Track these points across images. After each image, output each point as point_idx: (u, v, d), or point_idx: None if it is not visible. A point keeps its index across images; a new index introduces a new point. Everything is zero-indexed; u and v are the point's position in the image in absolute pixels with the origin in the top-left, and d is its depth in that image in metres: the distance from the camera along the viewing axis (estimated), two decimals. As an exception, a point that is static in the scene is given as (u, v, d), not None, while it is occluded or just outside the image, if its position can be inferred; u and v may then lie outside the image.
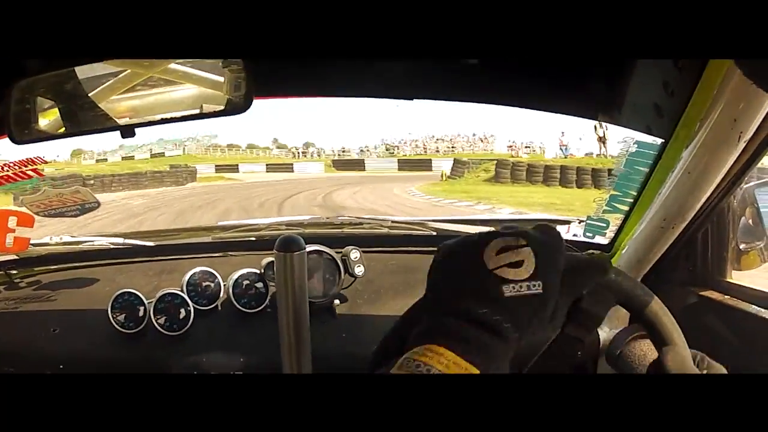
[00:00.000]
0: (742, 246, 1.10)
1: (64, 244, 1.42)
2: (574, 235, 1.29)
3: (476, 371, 0.41)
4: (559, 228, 1.34)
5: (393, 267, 1.24)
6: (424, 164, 17.12)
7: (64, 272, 1.38)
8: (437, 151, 19.49)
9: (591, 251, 1.27)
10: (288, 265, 0.97)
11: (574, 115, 1.29)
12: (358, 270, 1.16)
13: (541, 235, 0.48)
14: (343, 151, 20.44)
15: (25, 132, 1.00)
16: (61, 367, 1.20)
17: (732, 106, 0.78)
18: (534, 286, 0.44)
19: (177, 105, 1.04)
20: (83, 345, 1.21)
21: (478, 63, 1.05)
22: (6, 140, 1.13)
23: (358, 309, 1.18)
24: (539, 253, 0.46)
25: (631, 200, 1.16)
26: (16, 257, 1.41)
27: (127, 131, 1.00)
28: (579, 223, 1.32)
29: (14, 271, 1.42)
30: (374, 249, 1.22)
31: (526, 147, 17.84)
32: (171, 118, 0.99)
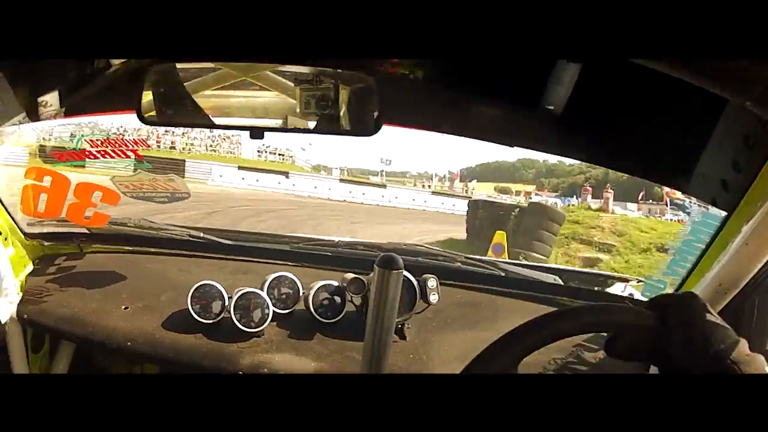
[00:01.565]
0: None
1: (143, 228, 1.46)
2: (630, 294, 1.38)
3: None
4: (617, 285, 1.44)
5: (461, 301, 1.32)
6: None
7: (138, 255, 1.42)
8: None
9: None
10: (385, 281, 1.03)
11: (643, 178, 1.39)
12: (433, 298, 1.23)
13: None
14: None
15: (151, 114, 1.06)
16: (129, 343, 1.23)
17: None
18: None
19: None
20: (153, 327, 1.25)
21: (557, 116, 1.14)
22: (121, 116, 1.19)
23: (425, 335, 1.25)
24: None
25: (690, 266, 1.23)
26: (88, 231, 1.45)
27: (257, 133, 1.06)
28: (637, 282, 1.41)
29: (87, 245, 1.46)
30: (448, 281, 1.29)
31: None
32: (303, 128, 1.06)
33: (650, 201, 10.76)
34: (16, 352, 1.38)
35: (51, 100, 1.23)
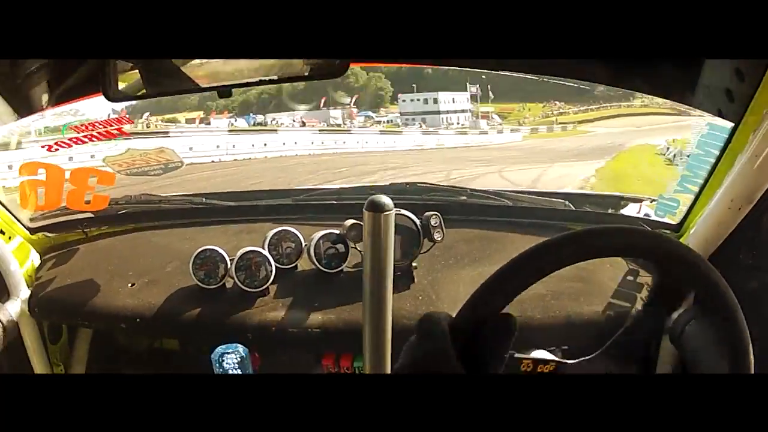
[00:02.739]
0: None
1: (144, 202, 1.45)
2: (646, 214, 1.31)
3: None
4: (631, 206, 1.37)
5: (469, 235, 1.27)
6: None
7: (142, 230, 1.41)
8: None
9: (661, 230, 1.29)
10: (376, 225, 0.99)
11: (647, 93, 1.30)
12: (438, 236, 1.19)
13: (413, 353, 0.51)
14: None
15: (117, 91, 1.03)
16: (138, 320, 1.23)
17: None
18: None
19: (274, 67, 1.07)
20: (161, 299, 1.24)
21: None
22: (92, 100, 1.17)
23: (434, 273, 1.21)
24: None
25: (702, 181, 1.18)
26: (92, 215, 1.46)
27: (225, 92, 1.03)
28: (651, 202, 1.33)
29: (92, 229, 1.47)
30: (453, 216, 1.24)
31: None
32: (269, 79, 1.02)
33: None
34: (34, 348, 1.39)
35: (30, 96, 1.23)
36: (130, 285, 1.29)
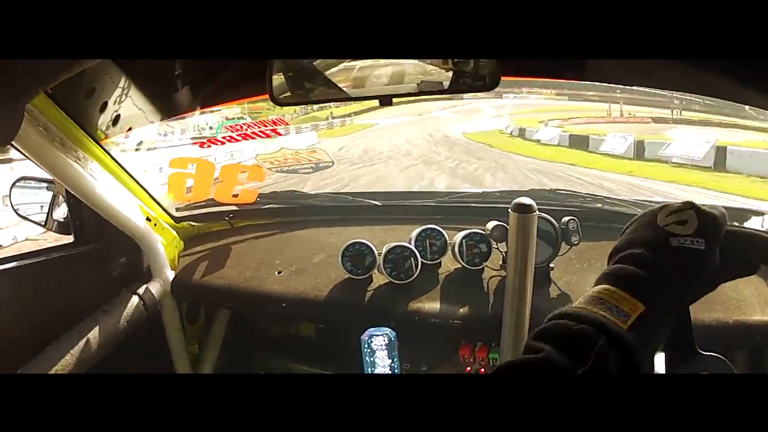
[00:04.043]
0: None
1: (291, 198, 1.57)
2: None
3: (642, 306, 0.49)
4: (754, 218, 1.41)
5: (604, 241, 1.34)
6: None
7: (289, 224, 1.53)
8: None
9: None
10: (521, 225, 1.09)
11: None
12: (575, 239, 1.26)
13: (706, 208, 0.57)
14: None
15: (285, 95, 1.14)
16: (284, 304, 1.34)
17: None
18: (697, 242, 0.54)
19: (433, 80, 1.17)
20: (308, 286, 1.34)
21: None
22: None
23: (570, 276, 1.28)
24: (702, 216, 0.55)
25: None
26: (237, 208, 1.59)
27: (386, 100, 1.14)
28: (771, 212, 1.37)
29: (237, 220, 1.60)
30: (589, 223, 1.31)
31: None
32: (429, 90, 1.12)
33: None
34: (172, 326, 1.52)
35: (182, 96, 1.35)
36: (277, 273, 1.40)
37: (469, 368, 1.32)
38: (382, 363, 1.24)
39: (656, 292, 0.52)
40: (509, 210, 1.11)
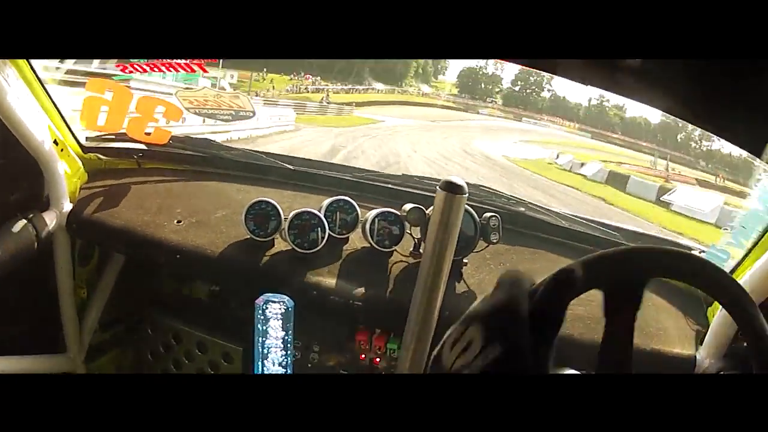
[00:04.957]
0: None
1: (204, 147, 1.45)
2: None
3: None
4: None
5: (520, 248, 1.27)
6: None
7: (197, 174, 1.41)
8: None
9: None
10: (448, 205, 1.00)
11: (714, 133, 1.29)
12: (494, 238, 1.19)
13: (486, 303, 0.50)
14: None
15: None
16: (178, 256, 1.23)
17: None
18: (489, 354, 0.46)
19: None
20: (205, 241, 1.23)
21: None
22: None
23: (482, 275, 1.21)
24: (484, 324, 0.48)
25: (756, 236, 1.18)
26: (147, 148, 1.45)
27: None
28: (700, 252, 1.34)
29: (145, 161, 1.46)
30: (508, 226, 1.24)
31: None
32: None
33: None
34: (63, 265, 1.38)
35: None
36: (176, 222, 1.29)
37: (363, 356, 1.24)
38: (274, 334, 1.14)
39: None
40: (437, 188, 1.01)
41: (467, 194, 1.01)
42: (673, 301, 1.22)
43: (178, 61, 1.30)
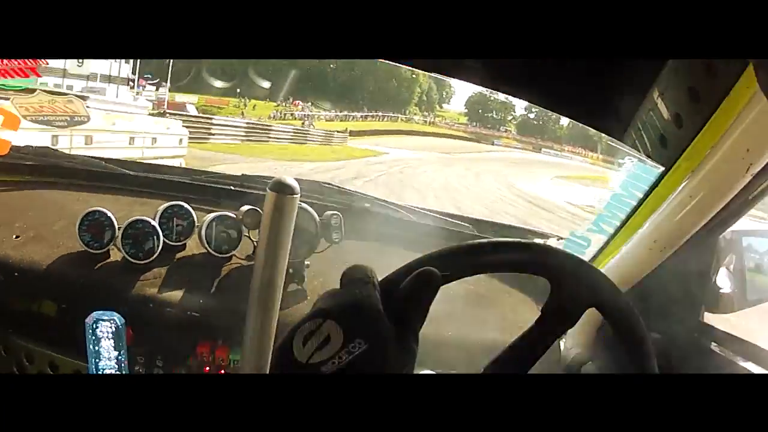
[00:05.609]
0: (720, 290, 1.10)
1: (45, 156, 1.38)
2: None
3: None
4: (537, 241, 1.35)
5: (368, 245, 1.24)
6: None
7: (36, 184, 1.34)
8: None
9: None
10: (278, 207, 0.95)
11: (581, 122, 1.27)
12: (336, 237, 1.15)
13: (339, 298, 0.48)
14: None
15: None
16: (16, 274, 1.16)
17: (748, 135, 0.78)
18: (354, 348, 0.44)
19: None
20: (43, 256, 1.17)
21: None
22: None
23: (325, 276, 1.17)
24: (343, 318, 0.45)
25: (618, 222, 1.16)
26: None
27: None
28: (558, 239, 1.31)
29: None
30: (355, 222, 1.20)
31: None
32: None
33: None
34: None
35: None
36: (15, 237, 1.22)
37: (208, 368, 1.19)
38: (107, 354, 1.08)
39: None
40: (267, 189, 0.96)
41: (299, 194, 0.96)
42: (533, 292, 1.20)
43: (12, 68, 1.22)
